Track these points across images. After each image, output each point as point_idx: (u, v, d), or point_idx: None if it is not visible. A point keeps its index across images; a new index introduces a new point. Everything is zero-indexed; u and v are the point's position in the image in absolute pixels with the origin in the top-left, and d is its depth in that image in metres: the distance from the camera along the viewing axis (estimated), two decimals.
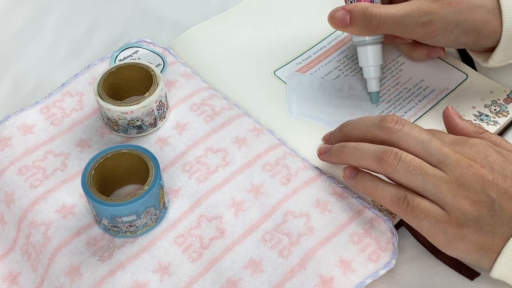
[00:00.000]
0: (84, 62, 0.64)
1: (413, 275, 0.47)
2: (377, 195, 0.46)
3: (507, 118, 0.55)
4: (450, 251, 0.44)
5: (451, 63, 0.60)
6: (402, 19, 0.51)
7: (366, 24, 0.52)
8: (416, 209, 0.43)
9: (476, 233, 0.42)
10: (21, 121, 0.56)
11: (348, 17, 0.52)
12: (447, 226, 0.42)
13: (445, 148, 0.44)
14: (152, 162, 0.47)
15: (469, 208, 0.42)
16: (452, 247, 0.43)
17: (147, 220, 0.47)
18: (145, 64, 0.55)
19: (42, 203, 0.50)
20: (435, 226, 0.43)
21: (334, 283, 0.44)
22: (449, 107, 0.50)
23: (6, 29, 0.69)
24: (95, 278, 0.45)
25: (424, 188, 0.44)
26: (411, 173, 0.44)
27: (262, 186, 0.51)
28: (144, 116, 0.53)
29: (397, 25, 0.52)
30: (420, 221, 0.43)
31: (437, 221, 0.43)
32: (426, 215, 0.43)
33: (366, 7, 0.52)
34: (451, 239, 0.43)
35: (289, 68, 0.61)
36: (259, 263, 0.46)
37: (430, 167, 0.44)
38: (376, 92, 0.57)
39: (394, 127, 0.46)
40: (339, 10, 0.53)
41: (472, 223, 0.42)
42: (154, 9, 0.70)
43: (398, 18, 0.51)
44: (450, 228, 0.42)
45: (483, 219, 0.42)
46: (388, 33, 0.53)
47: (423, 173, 0.43)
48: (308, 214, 0.48)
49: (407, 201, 0.44)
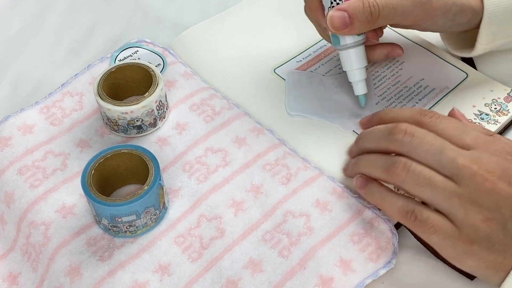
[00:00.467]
0: (84, 62, 0.64)
1: (413, 275, 0.47)
2: (385, 208, 0.46)
3: (508, 117, 0.55)
4: (460, 265, 0.43)
5: (451, 62, 0.60)
6: (400, 2, 0.49)
7: (367, 17, 0.49)
8: (425, 224, 0.42)
9: (487, 251, 0.41)
10: (21, 121, 0.56)
11: (347, 15, 0.50)
12: (457, 242, 0.41)
13: (459, 159, 0.42)
14: (152, 162, 0.47)
15: (481, 225, 0.40)
16: (462, 262, 0.42)
17: (147, 220, 0.47)
18: (145, 64, 0.55)
19: (42, 203, 0.50)
20: (444, 241, 0.42)
21: (334, 283, 0.44)
22: (454, 109, 0.50)
23: (6, 29, 0.69)
24: (95, 278, 0.45)
25: (434, 201, 0.42)
26: (420, 185, 0.42)
27: (262, 186, 0.51)
28: (144, 116, 0.53)
29: (395, 10, 0.49)
30: (429, 235, 0.42)
31: (446, 236, 0.41)
32: (435, 230, 0.42)
33: (362, 2, 0.49)
34: (460, 255, 0.42)
35: (289, 66, 0.61)
36: (259, 263, 0.46)
37: (440, 179, 0.42)
38: (363, 94, 0.55)
39: (403, 140, 0.45)
40: (335, 12, 0.50)
41: (483, 240, 0.40)
42: (154, 9, 0.70)
43: (395, 2, 0.49)
44: (460, 243, 0.41)
45: (495, 237, 0.40)
46: (387, 22, 0.51)
47: (433, 185, 0.42)
48: (308, 214, 0.48)
49: (415, 214, 0.43)
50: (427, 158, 0.43)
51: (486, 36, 0.53)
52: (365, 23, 0.50)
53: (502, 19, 0.52)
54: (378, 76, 0.60)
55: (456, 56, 0.61)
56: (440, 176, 0.42)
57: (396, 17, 0.50)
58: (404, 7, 0.50)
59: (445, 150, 0.43)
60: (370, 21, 0.50)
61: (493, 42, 0.54)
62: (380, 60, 0.59)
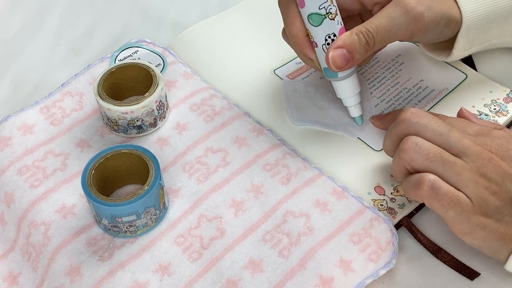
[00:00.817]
0: (84, 62, 0.64)
1: (413, 275, 0.47)
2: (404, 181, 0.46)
3: (507, 117, 0.55)
4: (471, 239, 0.44)
5: (451, 63, 0.60)
6: (392, 23, 0.49)
7: (365, 47, 0.50)
8: (446, 196, 0.43)
9: (497, 223, 0.42)
10: (21, 121, 0.56)
11: (346, 51, 0.49)
12: (471, 215, 0.42)
13: (465, 139, 0.44)
14: (152, 162, 0.47)
15: (491, 198, 0.42)
16: (474, 235, 0.43)
17: (147, 220, 0.47)
18: (145, 64, 0.55)
19: (42, 203, 0.50)
20: (461, 215, 0.43)
21: (334, 283, 0.44)
22: (462, 108, 0.50)
23: (6, 29, 0.69)
24: (95, 278, 0.45)
25: (446, 175, 0.43)
26: (431, 160, 0.44)
27: (262, 186, 0.51)
28: (144, 116, 0.53)
29: (389, 31, 0.50)
30: (446, 209, 0.43)
31: (463, 210, 0.42)
32: (454, 203, 0.43)
33: (356, 34, 0.49)
34: (474, 227, 0.43)
35: (289, 67, 0.61)
36: (259, 263, 0.46)
37: (450, 155, 0.44)
38: (359, 116, 0.55)
39: (410, 119, 0.46)
40: (335, 52, 0.49)
41: (493, 212, 0.42)
42: (154, 9, 0.70)
43: (387, 24, 0.49)
44: (474, 216, 0.42)
45: (504, 209, 0.42)
46: (382, 44, 0.51)
47: (444, 160, 0.43)
48: (308, 214, 0.48)
49: (438, 186, 0.43)
50: (435, 138, 0.45)
51: (463, 44, 0.54)
52: (364, 53, 0.50)
53: (478, 26, 0.53)
54: (377, 77, 0.60)
55: None
56: (448, 153, 0.44)
57: (391, 38, 0.51)
58: (396, 26, 0.50)
59: (451, 132, 0.45)
60: (368, 50, 0.50)
61: (470, 49, 0.55)
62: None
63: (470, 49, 0.55)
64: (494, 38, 0.55)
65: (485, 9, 0.52)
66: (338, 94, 0.54)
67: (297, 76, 0.61)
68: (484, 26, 0.53)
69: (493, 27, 0.54)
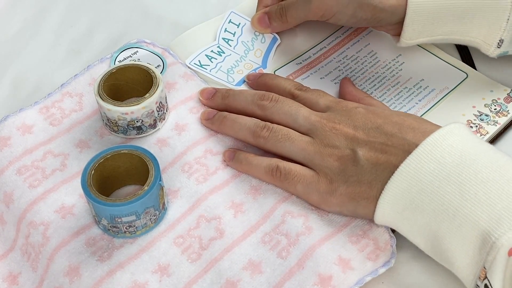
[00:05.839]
0: (84, 62, 0.64)
1: (413, 275, 0.47)
2: (253, 171, 0.50)
3: (507, 117, 0.55)
4: (328, 207, 0.47)
5: (451, 63, 0.60)
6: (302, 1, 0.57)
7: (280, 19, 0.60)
8: (289, 175, 0.48)
9: (344, 185, 0.46)
10: (20, 121, 0.56)
11: (267, 17, 0.61)
12: (318, 184, 0.47)
13: (312, 117, 0.49)
14: (152, 163, 0.47)
15: (335, 164, 0.46)
16: (327, 203, 0.47)
17: (146, 220, 0.47)
18: (145, 66, 0.54)
19: (41, 203, 0.50)
20: (308, 187, 0.47)
21: (333, 281, 0.44)
22: (346, 78, 0.58)
23: (6, 29, 0.69)
24: (94, 278, 0.45)
25: (293, 153, 0.48)
26: (280, 141, 0.49)
27: (260, 187, 0.50)
28: (144, 117, 0.53)
29: (297, 9, 0.58)
30: (294, 185, 0.48)
31: (309, 182, 0.47)
32: (298, 179, 0.47)
33: (277, 6, 0.60)
34: (324, 196, 0.47)
35: (289, 68, 0.61)
36: (258, 265, 0.46)
37: (297, 134, 0.49)
38: None
39: (268, 105, 0.51)
40: (259, 14, 0.61)
41: (339, 177, 0.46)
42: (154, 9, 0.70)
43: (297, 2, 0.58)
44: (321, 185, 0.47)
45: (348, 171, 0.46)
46: (295, 20, 0.59)
47: (291, 139, 0.48)
48: (306, 214, 0.48)
49: (279, 170, 0.48)
50: (286, 119, 0.50)
51: (409, 33, 0.55)
52: (280, 23, 0.60)
53: (425, 19, 0.54)
54: (378, 77, 0.60)
55: (455, 56, 0.61)
56: (297, 133, 0.49)
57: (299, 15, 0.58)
58: (304, 5, 0.57)
59: (300, 111, 0.50)
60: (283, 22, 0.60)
61: (417, 39, 0.56)
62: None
63: (417, 39, 0.56)
64: (446, 34, 0.56)
65: (435, 2, 0.53)
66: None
67: (297, 77, 0.61)
68: (434, 20, 0.54)
69: (445, 23, 0.54)
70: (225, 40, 0.63)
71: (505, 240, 0.38)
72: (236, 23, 0.64)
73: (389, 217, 0.45)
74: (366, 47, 0.63)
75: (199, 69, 0.61)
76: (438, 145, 0.43)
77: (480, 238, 0.40)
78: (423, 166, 0.43)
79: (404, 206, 0.43)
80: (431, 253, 0.44)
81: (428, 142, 0.43)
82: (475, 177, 0.41)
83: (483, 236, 0.39)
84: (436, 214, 0.42)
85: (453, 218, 0.41)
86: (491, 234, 0.39)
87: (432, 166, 0.42)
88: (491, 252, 0.39)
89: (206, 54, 0.62)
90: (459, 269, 0.42)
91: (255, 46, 0.63)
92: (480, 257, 0.40)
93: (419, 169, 0.43)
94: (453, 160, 0.42)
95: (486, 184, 0.41)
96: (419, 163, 0.43)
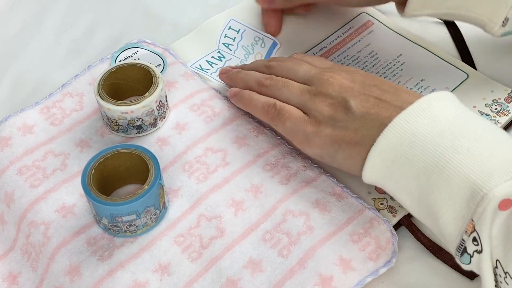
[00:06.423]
0: (84, 62, 0.64)
1: (413, 275, 0.47)
2: (252, 106, 0.53)
3: (508, 117, 0.55)
4: (310, 148, 0.49)
5: (452, 63, 0.60)
6: None
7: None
8: (282, 112, 0.50)
9: (330, 128, 0.47)
10: (21, 121, 0.56)
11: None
12: (306, 125, 0.49)
13: (312, 70, 0.52)
14: (152, 162, 0.47)
15: (326, 109, 0.48)
16: (310, 143, 0.49)
17: (147, 219, 0.47)
18: (145, 65, 0.54)
19: (42, 203, 0.50)
20: (296, 125, 0.49)
21: (334, 281, 0.44)
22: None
23: (6, 29, 0.69)
24: (95, 277, 0.45)
25: (290, 99, 0.51)
26: (279, 88, 0.52)
27: (261, 186, 0.50)
28: (144, 116, 0.53)
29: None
30: (284, 122, 0.50)
31: (298, 120, 0.49)
32: (289, 116, 0.50)
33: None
34: (310, 136, 0.48)
35: None
36: (259, 263, 0.46)
37: (295, 83, 0.51)
38: None
39: (274, 64, 0.55)
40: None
41: (327, 120, 0.48)
42: (154, 9, 0.70)
43: None
44: (309, 126, 0.48)
45: (337, 116, 0.47)
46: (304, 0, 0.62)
47: (289, 86, 0.51)
48: (307, 213, 0.48)
49: (275, 106, 0.51)
50: (289, 74, 0.53)
51: (414, 4, 0.55)
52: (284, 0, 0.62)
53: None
54: (379, 77, 0.60)
55: (455, 56, 0.61)
56: (296, 82, 0.52)
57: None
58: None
59: (302, 66, 0.53)
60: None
61: (422, 11, 0.56)
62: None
63: (421, 11, 0.56)
64: (451, 9, 0.55)
65: None
66: None
67: None
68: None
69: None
70: (225, 45, 0.63)
71: (497, 192, 0.39)
72: (236, 29, 0.64)
73: (377, 171, 0.45)
74: (367, 47, 0.63)
75: (200, 72, 0.61)
76: (433, 104, 0.44)
77: (469, 191, 0.40)
78: (417, 121, 0.43)
79: (394, 158, 0.44)
80: (416, 211, 0.44)
81: (423, 100, 0.44)
82: (468, 135, 0.42)
83: (472, 188, 0.40)
84: (426, 166, 0.42)
85: (443, 169, 0.41)
86: (481, 187, 0.39)
87: (426, 122, 0.43)
88: (481, 204, 0.39)
89: (207, 60, 0.62)
90: (444, 225, 0.42)
91: (255, 50, 0.63)
92: (468, 209, 0.40)
93: (413, 123, 0.43)
94: (448, 119, 0.43)
95: (479, 142, 0.41)
96: (413, 118, 0.44)
